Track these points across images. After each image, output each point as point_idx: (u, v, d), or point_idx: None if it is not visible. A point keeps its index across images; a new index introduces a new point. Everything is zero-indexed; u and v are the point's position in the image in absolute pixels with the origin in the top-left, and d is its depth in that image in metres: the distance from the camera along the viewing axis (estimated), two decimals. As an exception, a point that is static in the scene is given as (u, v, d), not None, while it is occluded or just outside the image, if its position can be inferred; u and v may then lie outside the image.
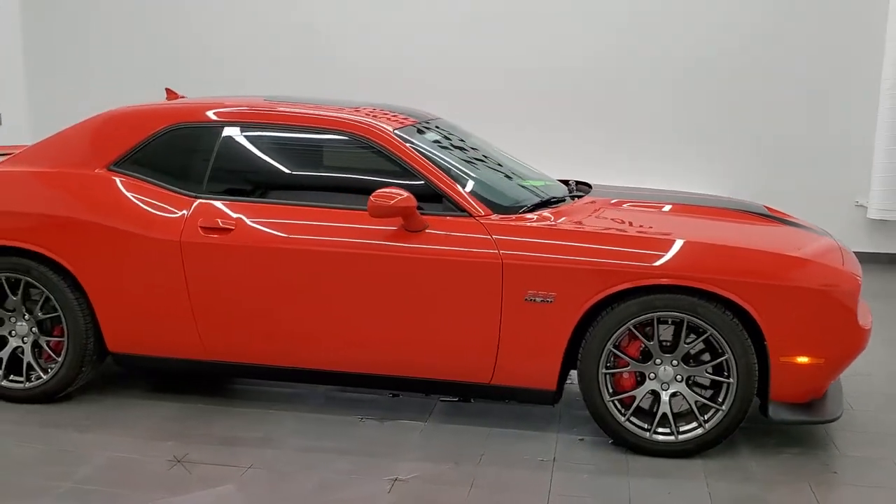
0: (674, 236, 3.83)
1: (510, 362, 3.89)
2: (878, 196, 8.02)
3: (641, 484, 3.60)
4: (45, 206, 4.15)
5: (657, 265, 3.68)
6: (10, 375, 4.34)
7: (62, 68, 9.55)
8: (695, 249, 3.76)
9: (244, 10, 9.02)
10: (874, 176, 8.04)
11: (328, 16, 8.80)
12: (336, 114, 4.17)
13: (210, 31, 9.12)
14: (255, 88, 8.62)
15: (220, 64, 9.11)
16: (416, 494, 3.48)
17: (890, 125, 7.88)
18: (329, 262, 3.92)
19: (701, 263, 3.69)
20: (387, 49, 8.70)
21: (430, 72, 8.60)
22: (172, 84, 8.96)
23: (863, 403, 4.46)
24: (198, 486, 3.51)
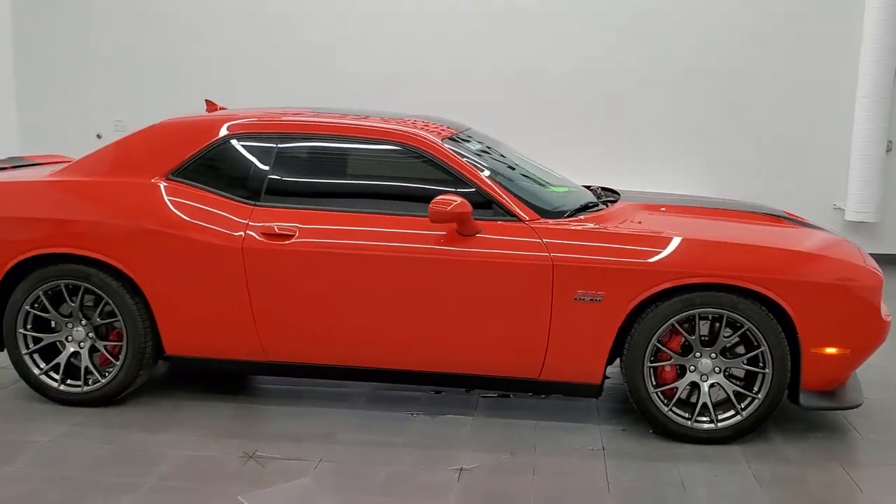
0: (711, 238, 4.12)
1: (558, 358, 4.14)
2: (854, 199, 8.47)
3: (690, 469, 3.87)
4: (107, 215, 4.28)
5: (698, 265, 3.96)
6: (66, 380, 4.45)
7: (53, 79, 9.58)
8: (732, 250, 4.05)
9: (242, 20, 9.16)
10: (851, 180, 8.49)
11: (326, 25, 8.99)
12: (387, 125, 4.38)
13: (205, 40, 9.24)
14: (250, 99, 8.79)
15: (214, 71, 9.24)
16: (484, 482, 3.70)
17: (865, 132, 8.34)
18: (386, 265, 4.12)
19: (739, 263, 3.98)
20: (382, 57, 8.92)
21: (426, 77, 8.84)
22: (167, 96, 9.12)
23: (877, 392, 4.79)
24: (275, 479, 3.69)
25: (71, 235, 4.29)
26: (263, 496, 3.53)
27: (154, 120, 9.06)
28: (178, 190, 4.32)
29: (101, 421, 4.29)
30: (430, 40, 8.88)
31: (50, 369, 4.46)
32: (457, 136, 4.60)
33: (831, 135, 8.59)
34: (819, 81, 8.54)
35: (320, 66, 9.09)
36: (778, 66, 8.53)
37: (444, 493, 3.59)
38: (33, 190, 4.44)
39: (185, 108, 9.25)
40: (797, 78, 8.54)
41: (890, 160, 8.52)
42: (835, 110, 8.55)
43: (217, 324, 4.30)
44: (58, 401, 4.47)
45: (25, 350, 4.44)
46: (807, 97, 8.57)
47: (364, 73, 8.93)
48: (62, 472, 3.70)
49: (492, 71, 8.80)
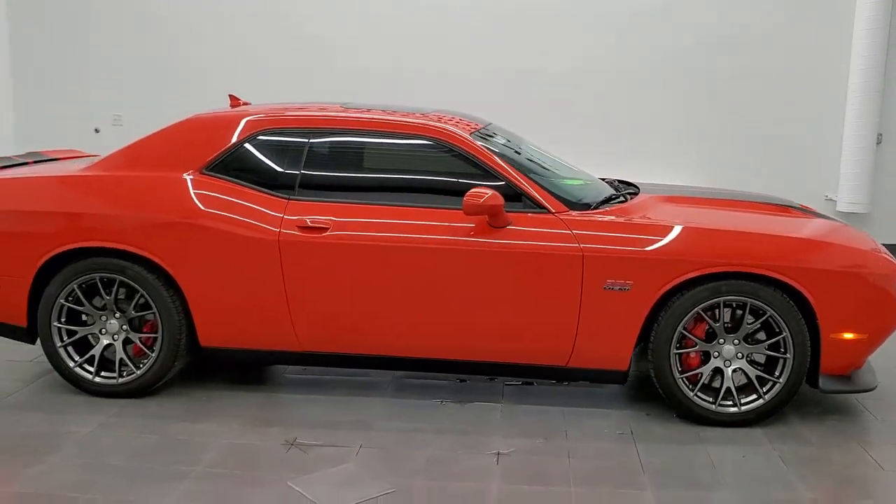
0: (734, 228, 4.27)
1: (587, 346, 4.27)
2: (846, 190, 8.68)
3: (718, 450, 4.02)
4: (142, 209, 4.34)
5: (723, 254, 4.11)
6: (100, 372, 4.52)
7: (50, 75, 9.56)
8: (755, 240, 4.21)
9: (241, 18, 9.20)
10: (842, 172, 8.70)
11: (326, 23, 9.05)
12: (417, 120, 4.49)
13: (204, 38, 9.27)
14: (250, 97, 8.83)
15: (212, 68, 9.28)
16: (523, 466, 3.83)
17: (856, 125, 8.54)
18: (420, 257, 4.23)
19: (762, 252, 4.13)
20: (381, 56, 9.01)
21: (424, 76, 8.94)
22: (165, 92, 9.15)
23: (886, 376, 4.97)
24: (320, 465, 3.79)
25: (107, 230, 4.34)
26: (311, 481, 3.63)
27: (152, 116, 9.12)
28: (213, 184, 4.40)
29: (138, 412, 4.36)
30: (428, 40, 8.96)
31: (84, 361, 4.51)
32: (482, 131, 4.71)
33: (823, 128, 8.79)
34: (811, 76, 8.73)
35: (319, 64, 9.13)
36: (770, 62, 8.71)
37: (487, 476, 3.71)
38: (68, 184, 4.50)
39: (183, 104, 9.25)
40: (789, 74, 8.73)
41: (880, 152, 8.73)
42: (826, 104, 8.75)
43: (252, 315, 4.38)
44: (92, 392, 4.53)
45: (60, 343, 4.49)
46: (799, 92, 8.76)
47: (362, 71, 9.00)
48: (108, 462, 3.77)
49: (490, 70, 8.89)
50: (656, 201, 4.68)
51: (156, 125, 9.05)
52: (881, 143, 8.75)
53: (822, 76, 8.73)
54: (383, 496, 3.52)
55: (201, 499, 3.45)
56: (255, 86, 9.09)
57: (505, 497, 3.53)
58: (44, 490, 3.48)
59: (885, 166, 8.81)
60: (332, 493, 3.53)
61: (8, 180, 4.57)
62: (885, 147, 8.80)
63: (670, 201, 4.75)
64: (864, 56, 8.42)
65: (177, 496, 3.47)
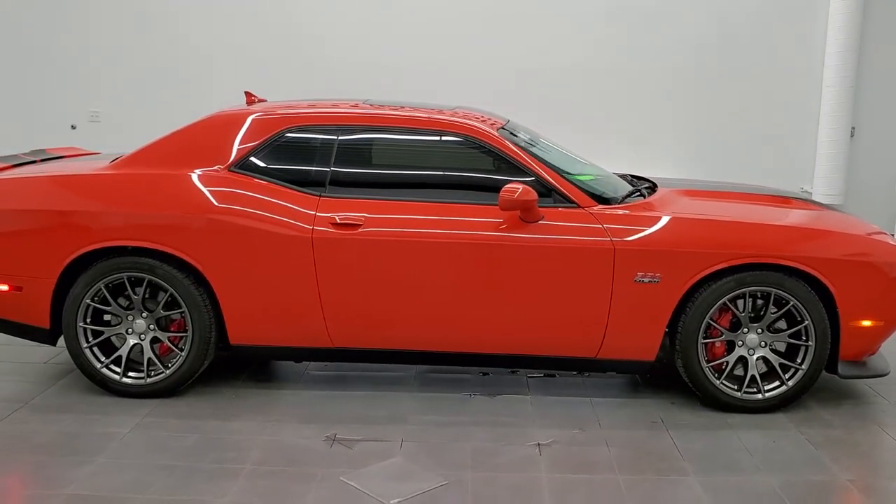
0: (758, 221, 4.41)
1: (617, 337, 4.37)
2: (821, 182, 8.98)
3: (747, 436, 4.16)
4: (171, 207, 4.32)
5: (749, 246, 4.24)
6: (127, 372, 4.48)
7: (23, 73, 9.38)
8: (778, 232, 4.36)
9: (220, 9, 9.12)
10: (818, 164, 8.99)
11: (308, 14, 9.04)
12: (448, 117, 4.53)
13: (179, 31, 9.18)
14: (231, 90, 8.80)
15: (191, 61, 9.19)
16: (566, 455, 3.92)
17: (830, 119, 8.85)
18: (453, 252, 4.28)
19: (785, 244, 4.28)
20: (371, 48, 9.02)
21: (417, 72, 8.98)
22: (143, 87, 9.05)
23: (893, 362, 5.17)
24: (367, 460, 3.82)
25: (136, 228, 4.31)
26: (364, 476, 3.66)
27: (129, 111, 9.00)
28: (243, 182, 4.38)
29: (170, 412, 4.33)
30: (423, 36, 9.06)
31: (111, 362, 4.47)
32: (506, 127, 4.77)
33: (799, 123, 9.08)
34: (787, 73, 9.01)
35: (302, 56, 9.13)
36: (749, 60, 8.98)
37: (534, 466, 3.79)
38: (94, 183, 4.45)
39: (160, 99, 9.21)
40: (767, 71, 9.00)
41: (854, 145, 9.03)
42: (802, 99, 9.04)
43: (284, 312, 4.39)
44: (118, 393, 4.49)
45: (86, 343, 4.44)
46: (777, 89, 9.04)
47: (346, 66, 9.01)
48: (156, 462, 3.75)
49: (485, 67, 8.99)
50: (677, 195, 4.80)
51: (133, 120, 9.03)
52: (854, 137, 9.04)
53: (798, 74, 9.01)
54: (438, 488, 3.57)
55: (259, 496, 3.46)
56: (234, 79, 9.04)
57: (557, 486, 3.61)
58: (100, 492, 3.46)
59: (858, 158, 9.12)
60: (388, 487, 3.57)
61: (30, 179, 4.50)
62: (857, 140, 9.11)
63: (689, 195, 4.87)
64: (838, 54, 8.71)
65: (235, 493, 3.48)
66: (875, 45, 8.96)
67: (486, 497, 3.50)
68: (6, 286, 4.42)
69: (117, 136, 8.99)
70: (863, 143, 9.14)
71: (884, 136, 9.16)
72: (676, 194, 4.82)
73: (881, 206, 9.10)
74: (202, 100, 9.02)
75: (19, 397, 4.47)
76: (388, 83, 8.83)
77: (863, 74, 8.89)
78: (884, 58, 9.01)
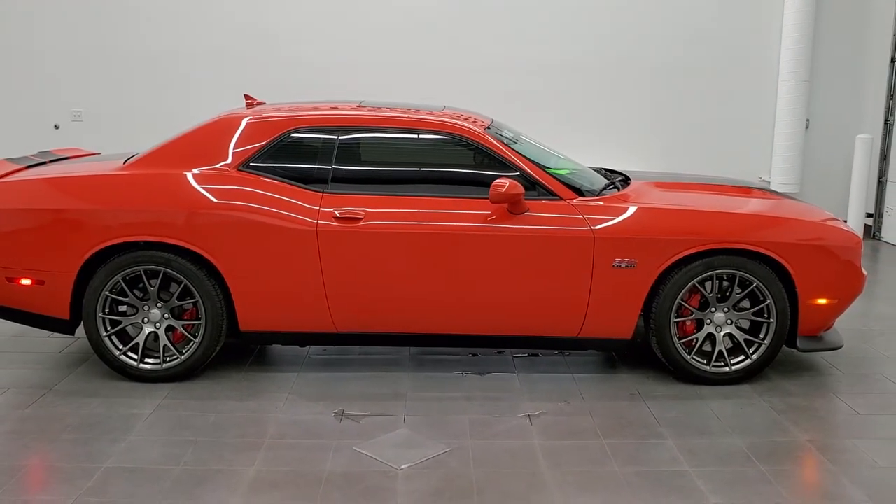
0: (723, 209, 4.86)
1: (597, 318, 4.79)
2: (778, 171, 9.50)
3: (716, 405, 4.60)
4: (185, 204, 4.64)
5: (716, 233, 4.68)
6: (144, 359, 4.80)
7: (3, 73, 9.56)
8: (742, 219, 4.80)
9: (200, 8, 9.39)
10: (775, 155, 9.51)
11: (287, 13, 9.35)
12: (439, 118, 4.91)
13: (159, 29, 9.43)
14: (212, 91, 9.12)
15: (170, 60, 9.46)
16: (554, 424, 4.33)
17: (786, 111, 9.36)
18: (446, 242, 4.66)
19: (747, 230, 4.72)
20: (339, 44, 9.36)
21: (393, 68, 9.34)
22: (123, 86, 9.30)
23: (847, 338, 5.64)
24: (375, 432, 4.20)
25: (153, 224, 4.63)
26: (375, 445, 4.04)
27: (111, 110, 9.24)
28: (252, 180, 4.72)
29: (187, 394, 4.66)
30: (401, 33, 9.41)
31: (128, 350, 4.79)
32: (492, 126, 5.16)
33: (757, 115, 9.60)
34: (744, 68, 9.53)
35: (280, 55, 9.43)
36: (710, 57, 9.49)
37: (527, 434, 4.19)
38: (112, 183, 4.76)
39: (142, 97, 9.46)
40: (725, 65, 9.51)
41: (808, 136, 9.56)
42: (759, 93, 9.56)
43: (291, 300, 4.74)
44: (136, 378, 4.80)
45: (105, 333, 4.75)
46: (734, 82, 9.55)
47: (314, 63, 9.37)
48: (183, 437, 4.10)
49: (458, 64, 9.39)
50: (650, 187, 5.22)
51: (116, 119, 9.29)
52: (809, 129, 9.56)
53: (755, 68, 9.53)
54: (443, 454, 3.96)
55: (283, 463, 3.83)
56: (217, 79, 9.34)
57: (548, 450, 4.02)
58: (137, 464, 3.80)
59: (812, 149, 9.65)
60: (397, 454, 3.95)
61: (49, 179, 4.80)
62: (812, 132, 9.64)
63: (660, 187, 5.30)
64: (793, 49, 9.21)
65: (260, 462, 3.83)
66: (828, 42, 9.50)
67: (487, 460, 3.90)
68: (29, 280, 4.71)
69: (98, 135, 9.27)
70: (816, 135, 9.67)
71: (836, 128, 9.71)
72: (648, 186, 5.25)
73: (835, 193, 9.64)
74: (180, 100, 9.36)
75: (43, 384, 4.77)
76: (370, 80, 9.19)
77: (815, 69, 9.41)
78: (835, 53, 9.56)
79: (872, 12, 9.55)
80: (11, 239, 4.69)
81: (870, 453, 4.02)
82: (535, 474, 3.78)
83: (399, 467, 3.82)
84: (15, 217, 4.69)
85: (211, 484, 3.64)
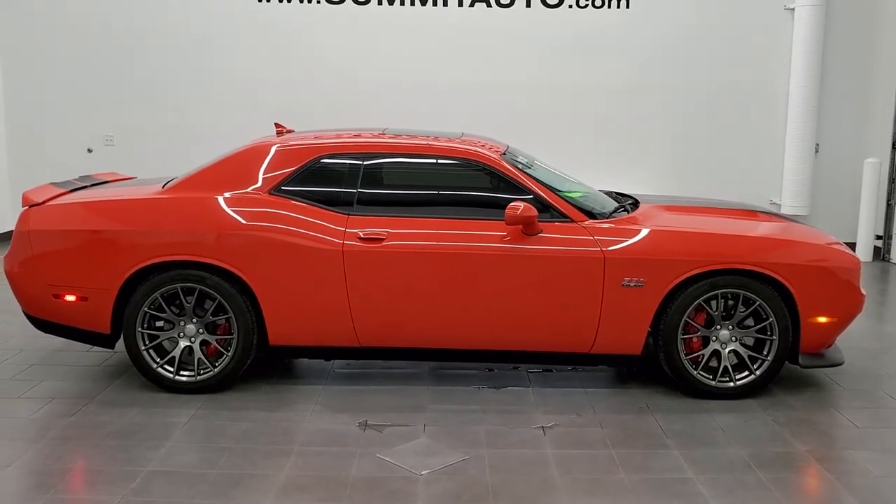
0: (729, 232, 5.11)
1: (608, 334, 5.04)
2: (788, 195, 9.73)
3: (721, 417, 4.83)
4: (220, 226, 4.95)
5: (721, 254, 4.94)
6: (180, 371, 5.10)
7: (41, 98, 9.96)
8: (746, 242, 5.05)
9: (232, 39, 9.78)
10: (785, 179, 9.75)
11: (327, 44, 9.71)
12: (457, 144, 5.21)
13: (190, 60, 9.82)
14: (241, 116, 9.48)
15: (202, 89, 9.83)
16: (566, 435, 4.58)
17: (796, 136, 9.61)
18: (464, 262, 4.94)
19: (751, 252, 4.97)
20: (374, 74, 9.71)
21: (392, 91, 9.73)
22: (155, 113, 9.68)
23: (847, 355, 5.86)
24: (397, 440, 4.47)
25: (190, 245, 4.94)
26: (396, 453, 4.31)
27: (142, 136, 9.63)
28: (283, 203, 5.03)
29: (220, 405, 4.95)
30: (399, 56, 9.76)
31: (165, 363, 5.09)
32: (507, 152, 5.45)
33: (767, 139, 9.86)
34: (756, 94, 9.81)
35: (309, 81, 9.80)
36: (718, 81, 9.80)
37: (540, 444, 4.44)
38: (152, 206, 5.08)
39: (171, 124, 9.84)
40: (737, 92, 9.80)
41: (818, 160, 9.80)
42: (770, 119, 9.83)
43: (317, 316, 5.03)
44: (172, 389, 5.10)
45: (143, 346, 5.06)
46: (746, 109, 9.84)
47: (349, 90, 9.71)
48: (218, 444, 4.38)
49: (456, 85, 9.75)
50: (657, 210, 5.49)
51: (146, 144, 9.67)
52: (818, 153, 9.80)
53: (766, 94, 9.81)
54: (460, 462, 4.22)
55: (311, 469, 4.10)
56: (246, 107, 9.70)
57: (561, 458, 4.27)
58: (176, 468, 4.08)
59: (822, 173, 9.89)
60: (418, 461, 4.21)
61: (93, 203, 5.13)
62: (821, 156, 9.87)
63: (668, 210, 5.57)
64: (802, 75, 9.48)
65: (290, 467, 4.11)
66: (836, 68, 9.77)
67: (502, 467, 4.16)
68: (73, 296, 5.03)
69: (129, 158, 9.65)
70: (826, 159, 9.91)
71: (845, 152, 9.94)
72: (657, 209, 5.51)
73: (844, 216, 9.86)
74: (205, 126, 9.73)
75: (85, 394, 5.08)
76: (393, 104, 9.56)
77: (824, 94, 9.67)
78: (844, 79, 9.81)
79: (880, 39, 9.81)
80: (58, 258, 5.01)
81: (865, 463, 4.24)
82: (546, 480, 4.03)
83: (420, 473, 4.08)
84: (62, 238, 5.01)
85: (245, 487, 3.91)
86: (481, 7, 9.71)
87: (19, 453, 4.24)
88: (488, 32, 9.73)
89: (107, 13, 9.79)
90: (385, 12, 9.73)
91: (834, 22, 9.63)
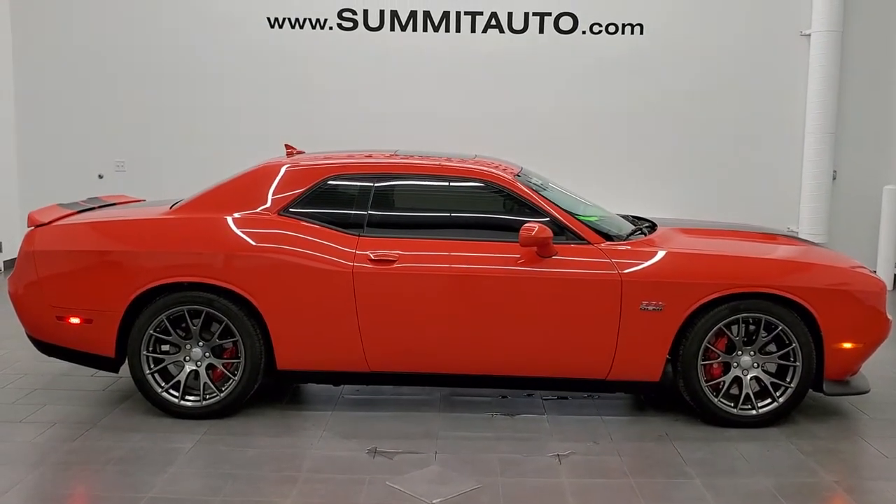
0: (749, 255, 4.97)
1: (625, 360, 4.89)
2: (806, 222, 9.58)
3: (743, 446, 4.66)
4: (228, 247, 4.84)
5: (741, 278, 4.79)
6: (185, 396, 4.97)
7: (53, 123, 9.96)
8: (767, 265, 4.91)
9: (243, 65, 9.76)
10: (802, 206, 9.60)
11: (335, 73, 9.69)
12: (470, 165, 5.11)
13: (200, 87, 9.80)
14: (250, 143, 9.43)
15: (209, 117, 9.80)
16: (583, 464, 4.42)
17: (813, 163, 9.48)
18: (477, 284, 4.82)
19: (773, 275, 4.83)
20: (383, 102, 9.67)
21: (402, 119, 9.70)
22: (165, 139, 9.64)
23: (874, 383, 5.69)
24: (407, 468, 4.32)
25: (197, 266, 4.83)
26: (407, 480, 4.16)
27: (151, 161, 9.60)
28: (292, 224, 4.93)
29: (225, 430, 4.81)
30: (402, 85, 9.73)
31: (170, 387, 4.96)
32: (521, 174, 5.34)
33: (784, 166, 9.73)
34: (773, 121, 9.70)
35: (315, 108, 9.76)
36: (735, 107, 9.69)
37: (556, 473, 4.28)
38: (159, 226, 4.99)
39: (181, 150, 9.81)
40: (752, 117, 9.69)
41: (836, 187, 9.66)
42: (787, 146, 9.71)
43: (327, 339, 4.90)
44: (177, 415, 4.96)
45: (148, 370, 4.94)
46: (763, 135, 9.72)
47: (358, 117, 9.68)
48: (223, 471, 4.24)
49: (470, 113, 9.69)
50: (675, 233, 5.36)
51: (156, 170, 9.62)
52: (836, 180, 9.67)
53: (782, 121, 9.70)
54: (473, 490, 4.06)
55: (318, 496, 3.96)
56: (254, 132, 9.66)
57: (577, 488, 4.11)
58: (179, 495, 3.94)
59: (840, 200, 9.74)
60: (429, 489, 4.06)
61: (99, 223, 5.04)
62: (839, 183, 9.73)
63: (686, 232, 5.43)
64: (819, 102, 9.37)
65: (297, 495, 3.96)
66: (853, 94, 9.65)
67: (517, 498, 4.00)
68: (78, 319, 4.92)
69: (140, 184, 9.60)
70: (843, 186, 9.77)
71: (863, 179, 9.79)
72: (674, 232, 5.38)
73: (863, 244, 9.68)
74: (216, 152, 9.69)
75: (89, 419, 4.95)
76: (404, 132, 9.48)
77: (842, 121, 9.55)
78: (861, 105, 9.69)
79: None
80: (62, 280, 4.92)
81: (895, 494, 4.06)
82: (563, 510, 3.87)
83: (431, 502, 3.93)
84: (66, 259, 4.92)
85: (249, 514, 3.77)
86: (494, 33, 9.65)
87: (20, 478, 4.12)
88: (502, 58, 9.67)
89: (119, 41, 9.79)
90: (396, 38, 9.70)
91: (850, 47, 9.53)
